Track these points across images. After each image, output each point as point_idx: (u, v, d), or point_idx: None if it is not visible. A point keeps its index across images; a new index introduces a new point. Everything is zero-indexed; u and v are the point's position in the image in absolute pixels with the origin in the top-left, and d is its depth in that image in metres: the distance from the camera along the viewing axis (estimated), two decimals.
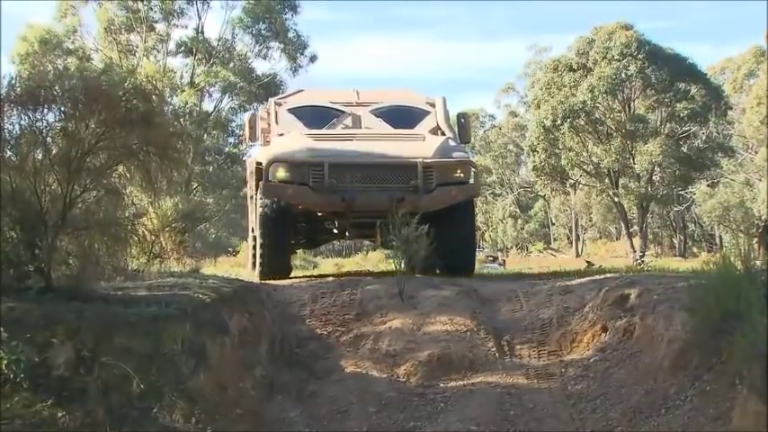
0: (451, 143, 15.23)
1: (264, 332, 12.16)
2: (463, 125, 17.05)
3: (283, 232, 14.48)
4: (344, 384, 10.69)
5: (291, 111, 16.19)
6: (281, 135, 15.34)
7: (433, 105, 16.65)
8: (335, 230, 16.40)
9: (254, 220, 16.05)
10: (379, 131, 15.74)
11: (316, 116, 16.12)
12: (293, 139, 14.86)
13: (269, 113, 16.41)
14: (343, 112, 16.29)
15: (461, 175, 14.25)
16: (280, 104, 16.45)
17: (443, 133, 15.84)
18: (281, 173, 13.73)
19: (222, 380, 9.95)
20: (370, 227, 13.97)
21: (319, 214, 15.49)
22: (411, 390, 10.54)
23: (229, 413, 9.31)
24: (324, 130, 15.62)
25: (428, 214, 13.46)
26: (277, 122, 15.87)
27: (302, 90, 18.82)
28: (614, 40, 36.67)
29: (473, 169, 14.61)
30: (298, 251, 22.07)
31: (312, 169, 13.44)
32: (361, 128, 15.90)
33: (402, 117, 16.36)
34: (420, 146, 14.59)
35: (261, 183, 14.02)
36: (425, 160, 13.69)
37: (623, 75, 36.29)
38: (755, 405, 8.84)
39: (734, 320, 9.45)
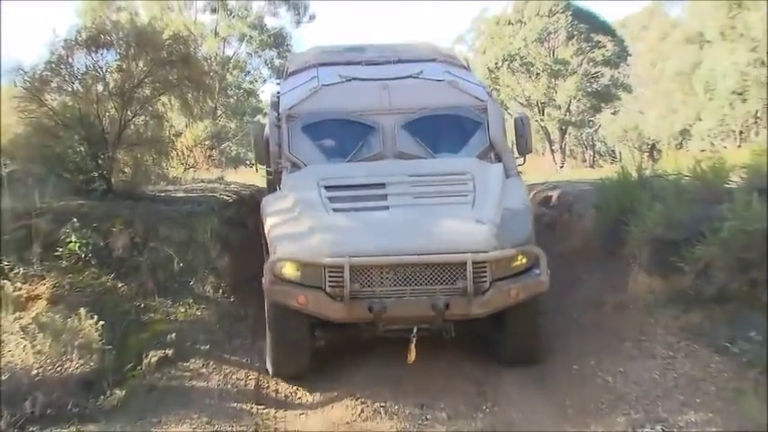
0: (512, 207, 7.99)
1: None
2: (522, 134, 9.73)
3: (299, 331, 7.88)
4: None
5: (307, 129, 9.11)
6: (294, 167, 8.81)
7: (483, 111, 9.25)
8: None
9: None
10: (416, 173, 8.42)
11: (336, 137, 9.25)
12: (307, 199, 8.06)
13: (279, 128, 9.18)
14: (371, 127, 9.09)
15: (524, 261, 7.61)
16: (292, 118, 9.12)
17: (497, 156, 9.05)
18: (290, 270, 7.52)
19: (241, 261, 9.99)
20: (406, 332, 7.69)
21: None
22: None
23: (247, 286, 9.36)
24: (348, 180, 8.33)
25: None
26: (289, 146, 8.97)
27: (314, 50, 11.18)
28: (544, 1, 36.35)
29: (538, 254, 7.57)
30: None
31: (329, 271, 7.30)
32: (394, 151, 8.93)
33: (445, 131, 9.33)
34: (469, 223, 7.63)
35: (267, 278, 7.47)
36: (477, 255, 7.27)
37: (551, 28, 35.97)
38: (644, 278, 9.05)
39: (629, 215, 9.54)
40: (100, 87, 10.82)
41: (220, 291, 9.40)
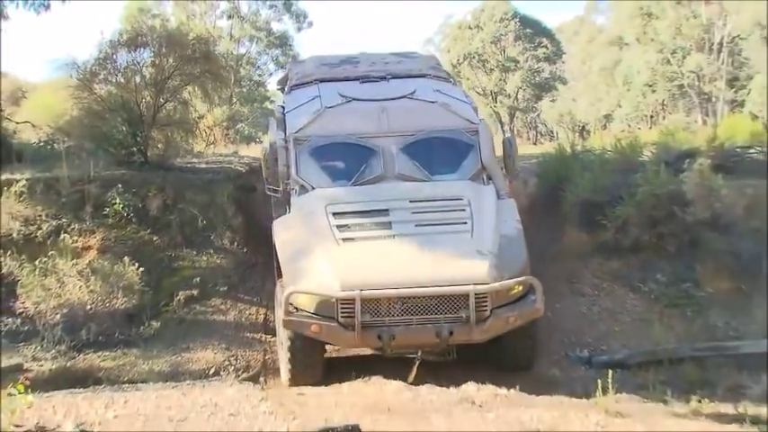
0: (507, 234, 6.94)
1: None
2: (510, 154, 8.21)
3: (313, 349, 6.84)
4: None
5: (313, 152, 7.74)
6: (303, 189, 7.49)
7: (475, 132, 7.86)
8: None
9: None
10: (417, 197, 7.23)
11: (341, 159, 7.87)
12: (316, 227, 6.86)
13: (287, 150, 7.76)
14: (372, 150, 7.69)
15: (520, 288, 6.58)
16: (299, 141, 7.75)
17: (489, 177, 7.69)
18: (304, 302, 6.48)
19: (253, 220, 9.98)
20: (411, 353, 6.71)
21: None
22: None
23: (257, 240, 9.37)
24: (354, 206, 7.11)
25: None
26: (297, 170, 7.64)
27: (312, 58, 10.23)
28: (497, 9, 35.96)
29: (533, 283, 6.53)
30: None
31: (341, 303, 6.31)
32: (394, 173, 7.56)
33: (440, 153, 7.88)
34: (470, 255, 6.56)
35: (281, 313, 6.59)
36: (479, 287, 6.27)
37: (503, 32, 35.68)
38: (576, 233, 9.15)
39: (564, 182, 9.61)
40: (138, 79, 10.79)
41: (236, 243, 9.41)
